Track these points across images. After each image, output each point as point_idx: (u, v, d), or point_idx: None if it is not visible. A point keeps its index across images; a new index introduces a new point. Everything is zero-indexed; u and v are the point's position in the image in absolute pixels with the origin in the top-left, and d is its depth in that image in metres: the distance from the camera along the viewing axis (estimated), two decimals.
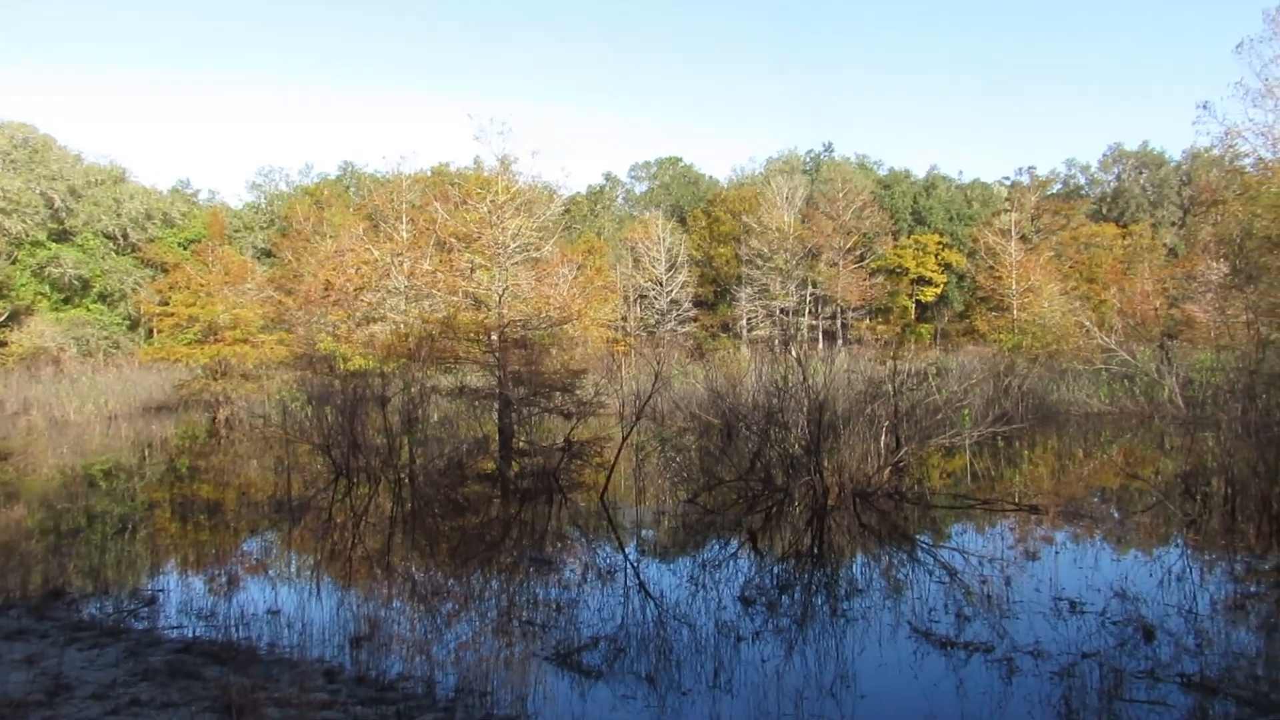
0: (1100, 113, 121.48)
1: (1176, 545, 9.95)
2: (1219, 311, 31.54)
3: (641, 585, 8.62)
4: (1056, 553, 9.52)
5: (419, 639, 7.02)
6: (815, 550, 10.13)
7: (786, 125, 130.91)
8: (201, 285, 27.14)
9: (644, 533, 11.53)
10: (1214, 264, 34.55)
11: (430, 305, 25.17)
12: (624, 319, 52.60)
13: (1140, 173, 76.92)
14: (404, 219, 31.70)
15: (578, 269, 37.68)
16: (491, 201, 19.77)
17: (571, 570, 9.43)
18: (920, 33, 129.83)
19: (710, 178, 80.00)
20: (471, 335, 16.63)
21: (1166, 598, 7.62)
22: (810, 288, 58.73)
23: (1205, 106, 33.72)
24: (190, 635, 6.99)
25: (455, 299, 20.07)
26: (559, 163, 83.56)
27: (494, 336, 16.39)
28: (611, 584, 8.65)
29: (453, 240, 23.13)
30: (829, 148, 78.29)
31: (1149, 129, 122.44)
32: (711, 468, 14.48)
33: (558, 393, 15.20)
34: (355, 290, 30.79)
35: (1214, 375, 23.71)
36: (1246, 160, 32.65)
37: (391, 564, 9.95)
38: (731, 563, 9.52)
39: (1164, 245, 61.44)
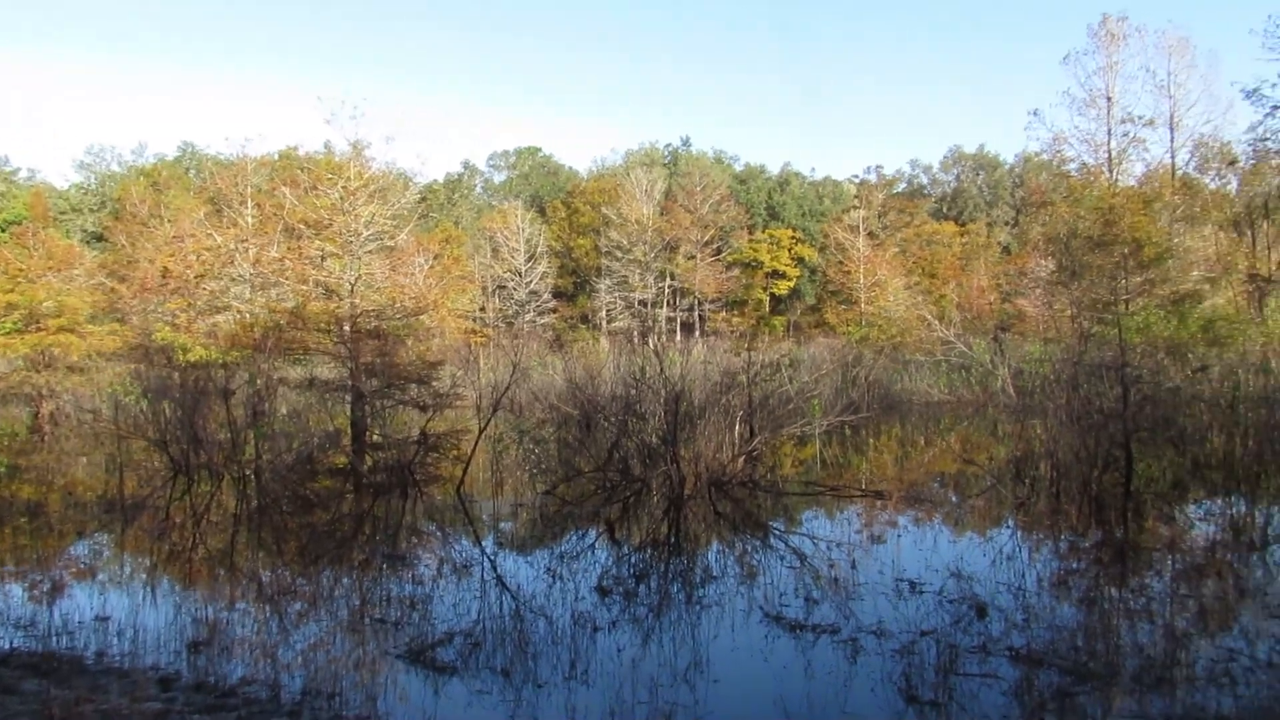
0: (943, 116, 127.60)
1: (1008, 526, 10.57)
2: (1047, 306, 33.65)
3: (498, 578, 8.55)
4: (899, 536, 9.97)
5: (264, 641, 6.74)
6: (672, 539, 10.27)
7: (645, 118, 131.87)
8: (21, 270, 25.17)
9: (502, 525, 11.43)
10: (1043, 261, 36.77)
11: (278, 294, 24.20)
12: (482, 310, 51.97)
13: (977, 174, 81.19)
14: (249, 204, 30.28)
15: (434, 258, 36.99)
16: (343, 188, 19.15)
17: (426, 565, 9.26)
18: (774, 30, 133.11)
19: (570, 169, 79.88)
20: (322, 326, 16.09)
21: (998, 576, 8.08)
22: (668, 280, 59.47)
23: (1036, 114, 36.03)
24: (6, 647, 6.50)
25: (305, 288, 19.37)
26: (415, 149, 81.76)
27: (346, 327, 15.89)
28: (468, 578, 8.54)
29: (302, 227, 22.29)
30: (687, 142, 79.39)
31: (986, 133, 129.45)
32: (570, 459, 14.49)
33: (413, 385, 14.88)
34: (196, 278, 29.24)
35: (1042, 366, 25.21)
36: (1072, 165, 34.99)
37: (235, 564, 9.52)
38: (589, 554, 9.54)
39: (998, 243, 65.09)
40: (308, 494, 13.13)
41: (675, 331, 58.92)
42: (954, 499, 12.59)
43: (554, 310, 57.94)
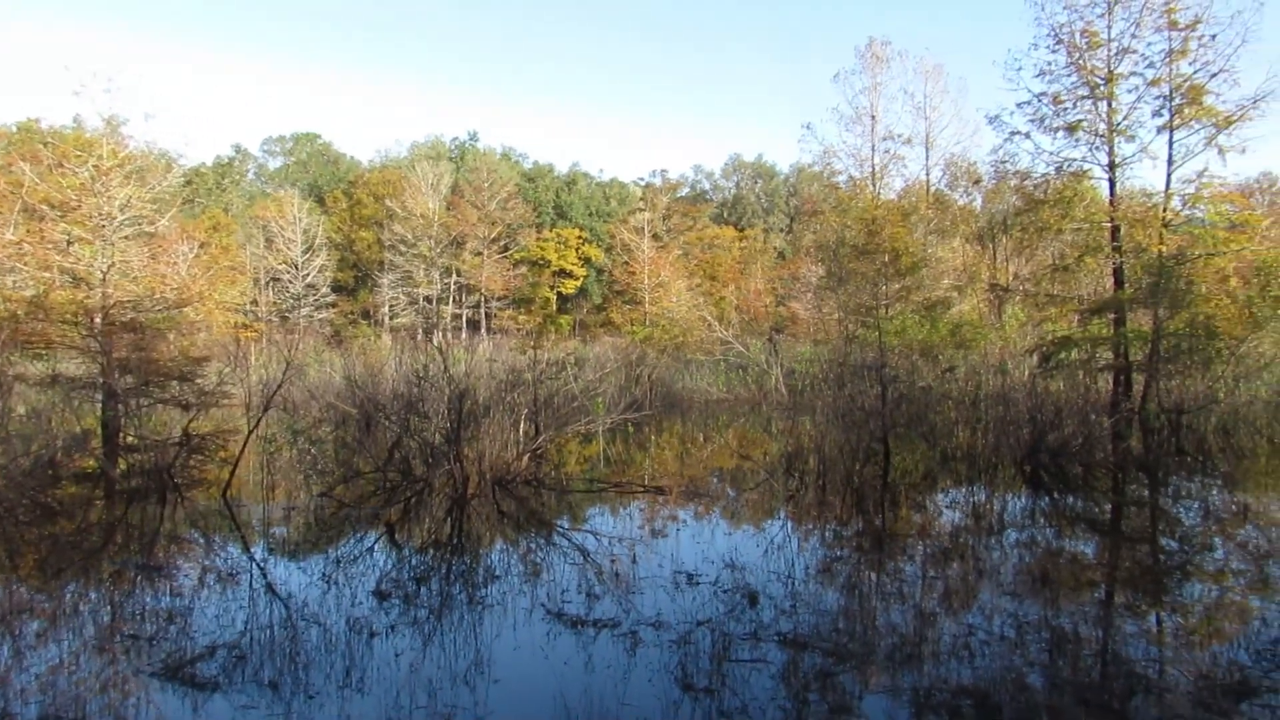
0: (725, 125, 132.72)
1: (779, 518, 11.12)
2: (817, 309, 35.69)
3: (268, 586, 8.10)
4: (679, 530, 10.27)
5: None
6: (454, 539, 10.10)
7: (432, 110, 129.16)
8: None
9: (273, 530, 10.83)
10: (814, 267, 38.97)
11: (15, 281, 21.84)
12: (254, 303, 49.16)
13: (756, 182, 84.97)
14: None
15: (200, 247, 34.60)
16: (95, 166, 17.52)
17: (187, 575, 8.64)
18: (565, 31, 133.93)
19: (352, 158, 77.09)
20: (69, 317, 14.68)
21: (769, 566, 8.48)
22: (454, 276, 58.52)
23: (809, 127, 38.10)
24: None
25: (48, 275, 17.58)
26: (180, 129, 76.11)
27: (97, 319, 14.59)
28: (234, 588, 8.04)
29: (44, 208, 20.21)
30: (474, 136, 78.46)
31: (765, 143, 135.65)
32: (348, 460, 13.97)
33: (174, 382, 13.89)
34: None
35: (811, 366, 26.80)
36: (840, 177, 37.25)
37: None
38: (367, 557, 9.23)
39: (774, 249, 68.34)
40: (49, 502, 11.94)
41: (461, 329, 58.08)
42: (731, 493, 13.10)
43: (333, 305, 55.65)
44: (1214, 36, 17.97)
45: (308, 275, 53.00)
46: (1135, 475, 13.94)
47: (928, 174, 37.49)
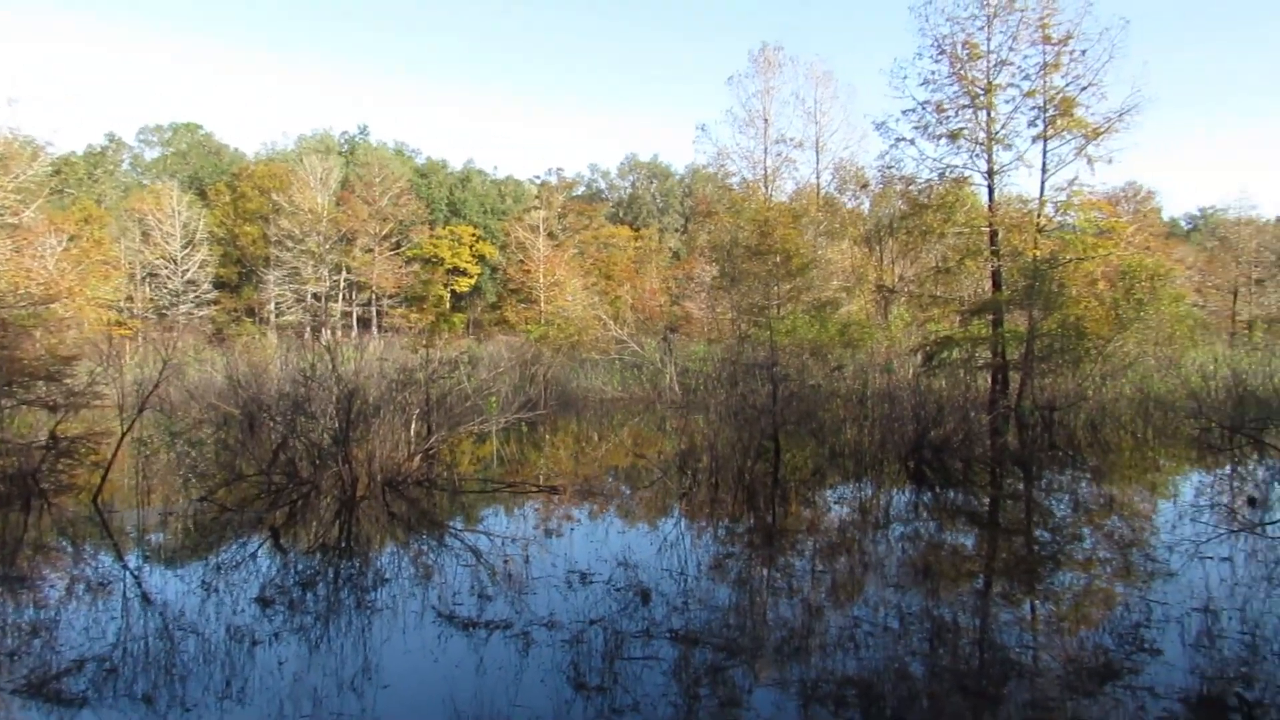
0: (622, 124, 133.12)
1: (672, 516, 11.21)
2: (710, 309, 36.12)
3: (143, 596, 7.75)
4: (572, 529, 10.25)
5: None
6: (343, 543, 9.85)
7: (320, 103, 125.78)
8: None
9: (148, 537, 10.36)
10: (708, 267, 39.40)
11: None
12: (129, 299, 47.01)
13: (651, 182, 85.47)
14: None
15: (70, 240, 32.90)
16: None
17: (54, 586, 8.20)
18: (460, 24, 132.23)
19: (236, 150, 74.39)
20: None
21: (662, 563, 8.54)
22: (344, 273, 57.10)
23: (703, 129, 38.70)
24: None
25: None
26: (48, 115, 72.30)
27: None
28: (105, 598, 7.66)
29: None
30: (365, 131, 76.75)
31: (660, 143, 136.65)
32: (230, 462, 13.47)
33: (40, 382, 13.15)
34: None
35: (705, 365, 27.08)
36: (734, 179, 37.81)
37: None
38: (250, 563, 8.92)
39: (669, 249, 68.92)
40: None
41: (351, 327, 56.76)
42: (625, 491, 13.14)
43: (215, 302, 53.65)
44: (1084, 52, 18.92)
45: (188, 271, 50.96)
46: (1011, 469, 14.55)
47: (818, 177, 38.40)
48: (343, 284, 57.44)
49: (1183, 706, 5.23)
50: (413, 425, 13.05)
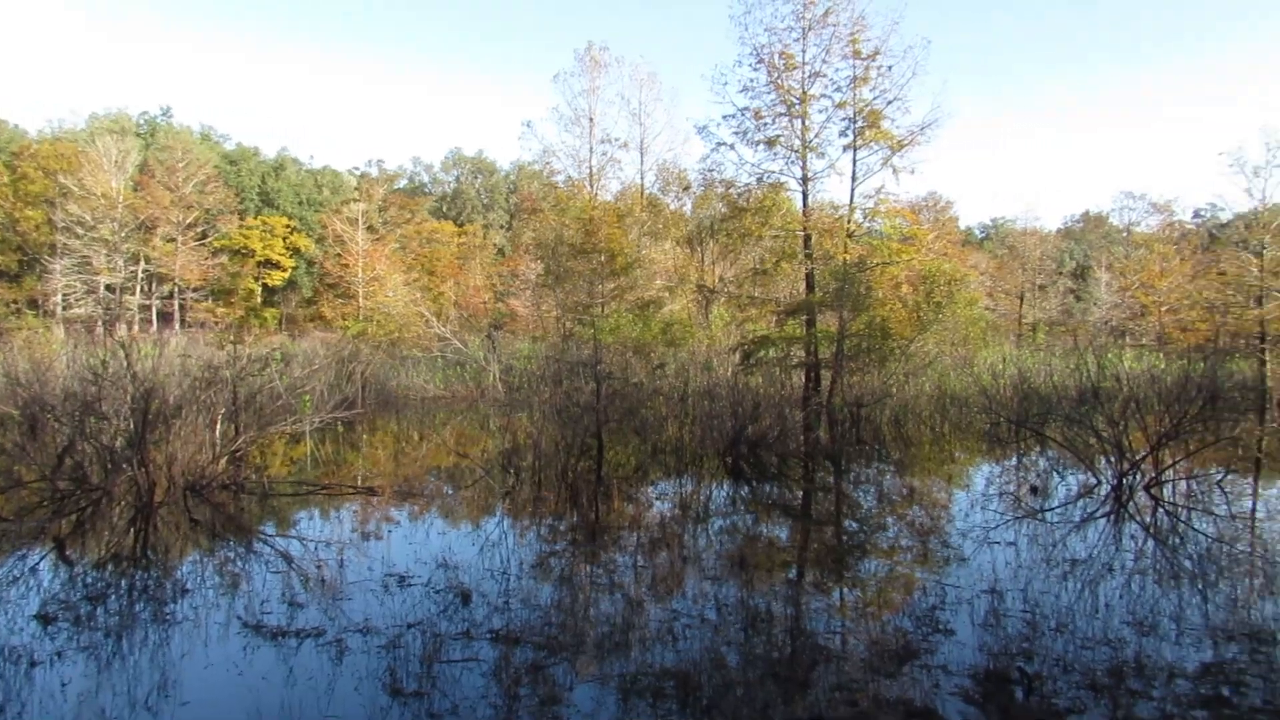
0: (446, 117, 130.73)
1: (495, 515, 11.08)
2: (536, 306, 36.06)
3: None
4: (391, 531, 9.97)
5: None
6: (138, 552, 9.19)
7: (116, 80, 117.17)
8: None
9: None
10: (533, 265, 39.30)
11: None
12: None
13: (476, 178, 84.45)
14: None
15: None
16: None
17: None
18: (274, 5, 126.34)
19: (16, 127, 68.16)
20: None
21: (485, 563, 8.44)
22: (143, 264, 53.39)
23: (529, 125, 38.55)
24: None
25: None
26: None
27: None
28: None
29: None
30: (168, 112, 72.12)
31: (485, 138, 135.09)
32: (8, 468, 12.34)
33: None
34: None
35: (529, 363, 26.99)
36: (560, 177, 37.88)
37: None
38: (30, 577, 8.18)
39: (494, 245, 68.25)
40: None
41: (151, 321, 53.17)
42: (447, 491, 12.90)
43: None
44: (890, 68, 20.02)
45: None
46: (823, 463, 15.23)
47: (642, 178, 38.98)
48: (141, 275, 53.69)
49: (971, 682, 5.62)
50: (219, 426, 12.35)
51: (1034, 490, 12.65)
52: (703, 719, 5.13)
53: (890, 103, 20.22)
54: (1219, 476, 13.17)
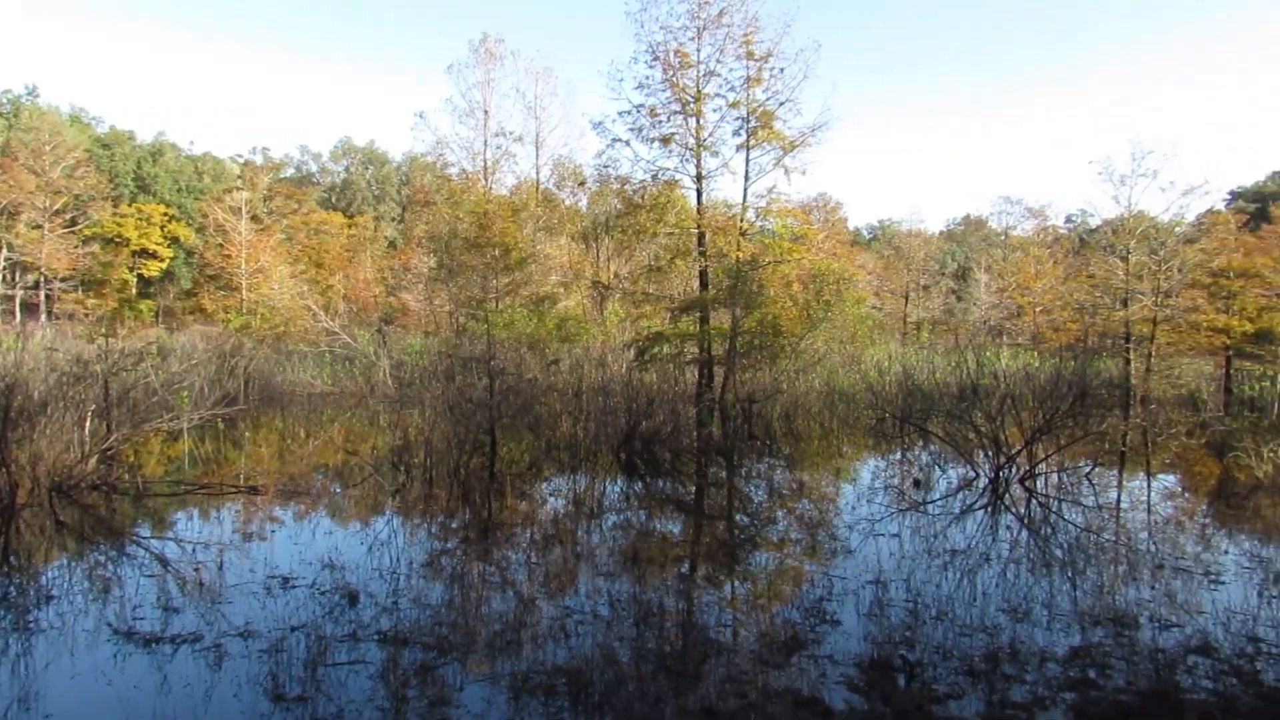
0: (334, 105, 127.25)
1: (385, 514, 10.85)
2: (428, 301, 35.45)
3: None
4: (274, 531, 9.66)
5: None
6: None
7: None
8: None
9: None
10: (425, 258, 38.64)
11: None
12: None
13: (366, 168, 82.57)
14: None
15: None
16: None
17: None
18: None
19: None
20: None
21: (373, 563, 8.24)
22: (4, 251, 50.36)
23: (422, 116, 37.83)
24: None
25: None
26: None
27: None
28: None
29: None
30: (33, 91, 68.04)
31: (376, 128, 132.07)
32: None
33: None
34: None
35: (421, 358, 26.52)
36: (453, 169, 37.35)
37: None
38: None
39: (385, 238, 66.87)
40: None
41: (13, 313, 50.23)
42: (335, 490, 12.57)
43: None
44: (783, 70, 20.42)
45: None
46: (715, 459, 15.42)
47: (538, 173, 38.74)
48: (3, 264, 50.67)
49: (856, 670, 5.77)
50: (88, 423, 11.74)
51: (917, 484, 13.09)
52: (594, 715, 5.13)
53: (782, 104, 20.62)
54: (1087, 469, 13.86)
